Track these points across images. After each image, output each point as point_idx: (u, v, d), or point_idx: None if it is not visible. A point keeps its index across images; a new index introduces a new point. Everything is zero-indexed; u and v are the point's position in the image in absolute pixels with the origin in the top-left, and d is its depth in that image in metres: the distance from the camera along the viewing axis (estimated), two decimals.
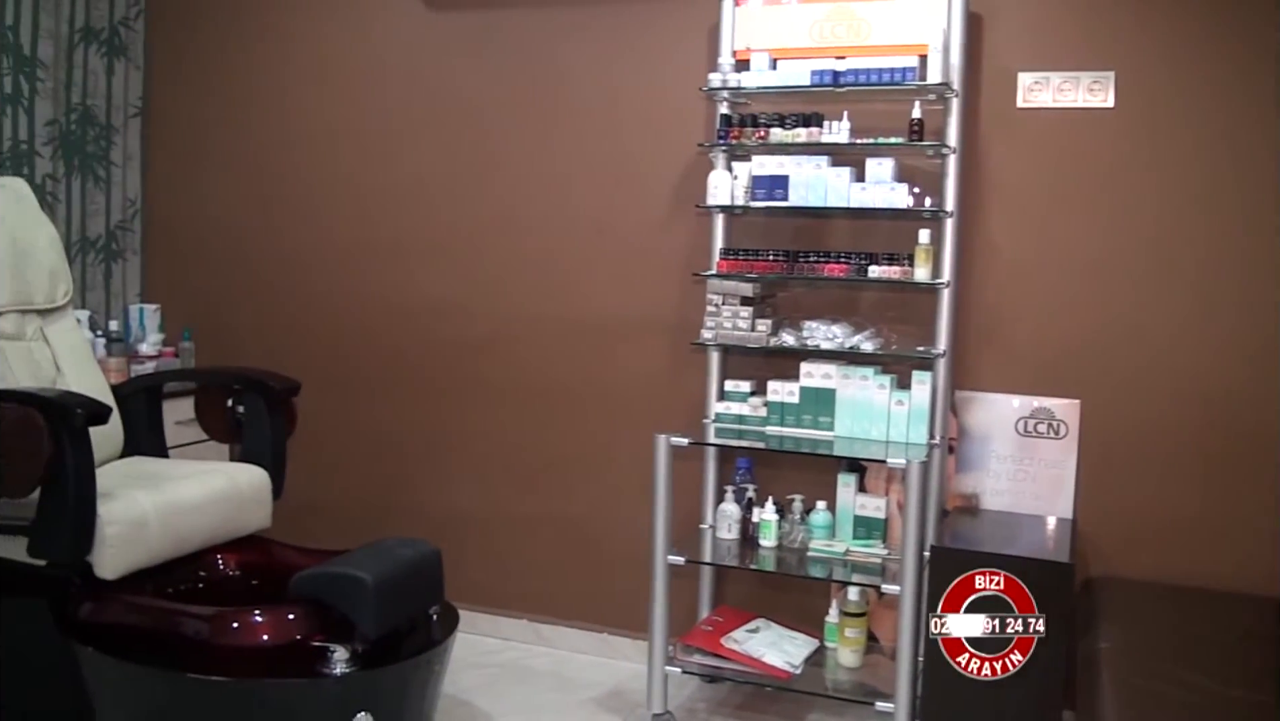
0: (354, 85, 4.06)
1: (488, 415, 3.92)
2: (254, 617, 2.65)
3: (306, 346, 4.12)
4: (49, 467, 2.68)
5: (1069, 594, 2.86)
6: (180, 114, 4.38)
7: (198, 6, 4.31)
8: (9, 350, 3.27)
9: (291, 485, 3.41)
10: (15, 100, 3.89)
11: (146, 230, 4.45)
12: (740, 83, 3.31)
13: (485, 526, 3.94)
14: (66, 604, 2.83)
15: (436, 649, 2.80)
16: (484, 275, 3.89)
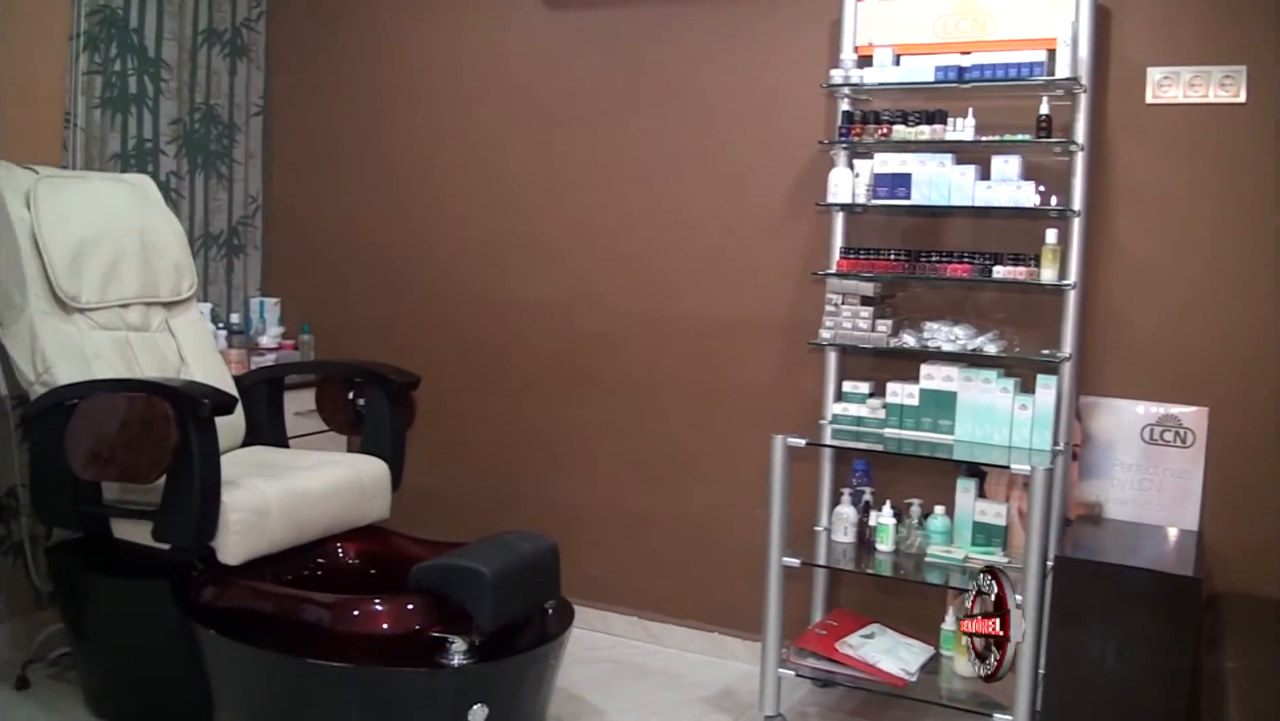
0: (472, 84, 4.09)
1: (604, 411, 3.92)
2: (374, 606, 2.67)
3: (423, 341, 4.17)
4: (175, 455, 2.73)
5: (1195, 609, 2.74)
6: (300, 113, 4.47)
7: (317, 8, 4.40)
8: (135, 341, 3.36)
9: (409, 477, 3.45)
10: (140, 100, 4.00)
11: (267, 226, 4.55)
12: (862, 79, 3.26)
13: (598, 522, 3.94)
14: (188, 587, 2.89)
15: (552, 643, 2.80)
16: (602, 272, 3.89)
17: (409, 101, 4.22)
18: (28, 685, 3.34)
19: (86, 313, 3.25)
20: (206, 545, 2.83)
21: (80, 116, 3.76)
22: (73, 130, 3.75)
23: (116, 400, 2.82)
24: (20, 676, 3.35)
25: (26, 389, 3.14)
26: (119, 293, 3.33)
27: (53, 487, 3.03)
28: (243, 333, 4.13)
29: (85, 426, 2.84)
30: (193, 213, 4.23)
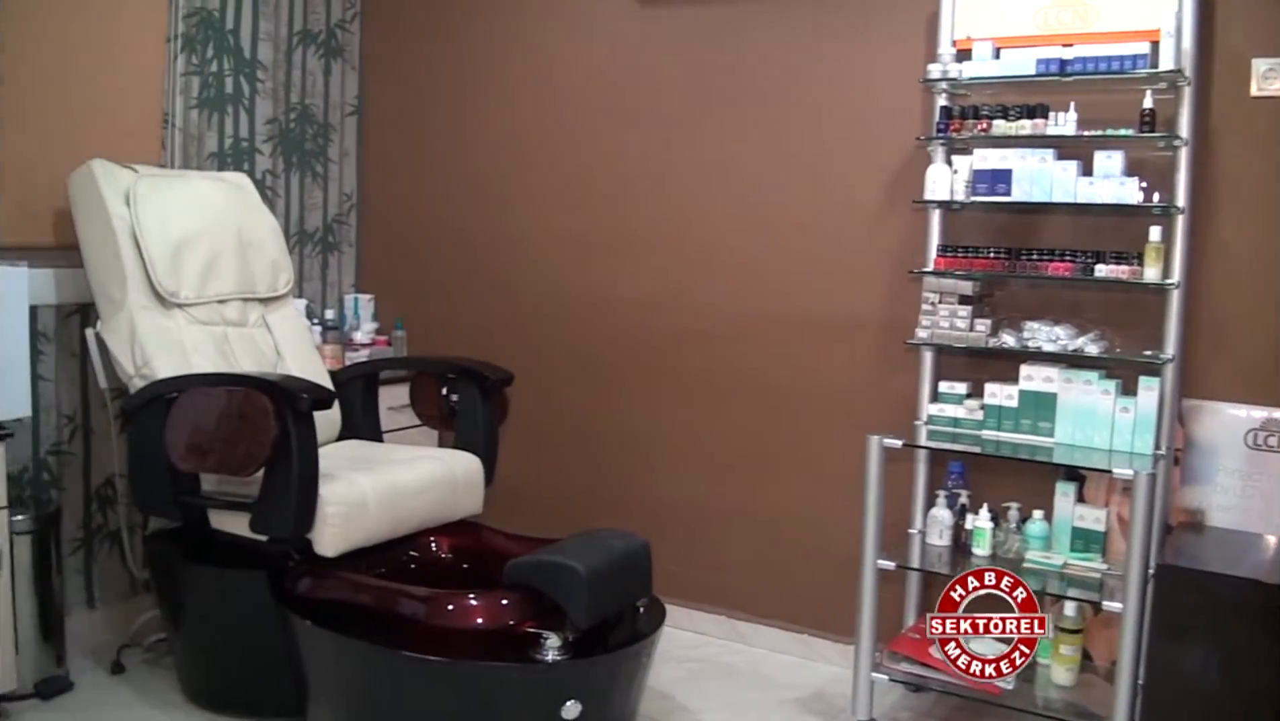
0: (563, 81, 4.10)
1: (695, 409, 3.90)
2: (469, 601, 2.68)
3: (515, 338, 4.18)
4: (274, 449, 2.77)
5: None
6: (394, 112, 4.51)
7: (411, 8, 4.44)
8: (233, 336, 3.42)
9: (500, 472, 3.47)
10: (237, 100, 4.07)
11: (361, 223, 4.62)
12: (961, 73, 3.21)
13: (687, 520, 3.92)
14: (285, 578, 2.94)
15: (645, 641, 2.79)
16: (693, 269, 3.87)
17: (501, 99, 4.24)
18: (123, 669, 3.42)
19: (185, 308, 3.32)
20: (304, 537, 2.87)
21: (178, 116, 3.84)
22: (170, 130, 3.82)
23: (216, 394, 2.87)
24: (115, 661, 3.43)
25: (126, 382, 3.21)
26: (217, 288, 3.40)
27: (152, 478, 3.09)
28: (337, 328, 4.19)
29: (185, 419, 2.89)
30: (288, 210, 4.31)
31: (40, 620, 3.21)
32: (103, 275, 3.25)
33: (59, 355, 3.53)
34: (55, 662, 3.27)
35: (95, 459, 3.65)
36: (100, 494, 3.67)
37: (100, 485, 3.67)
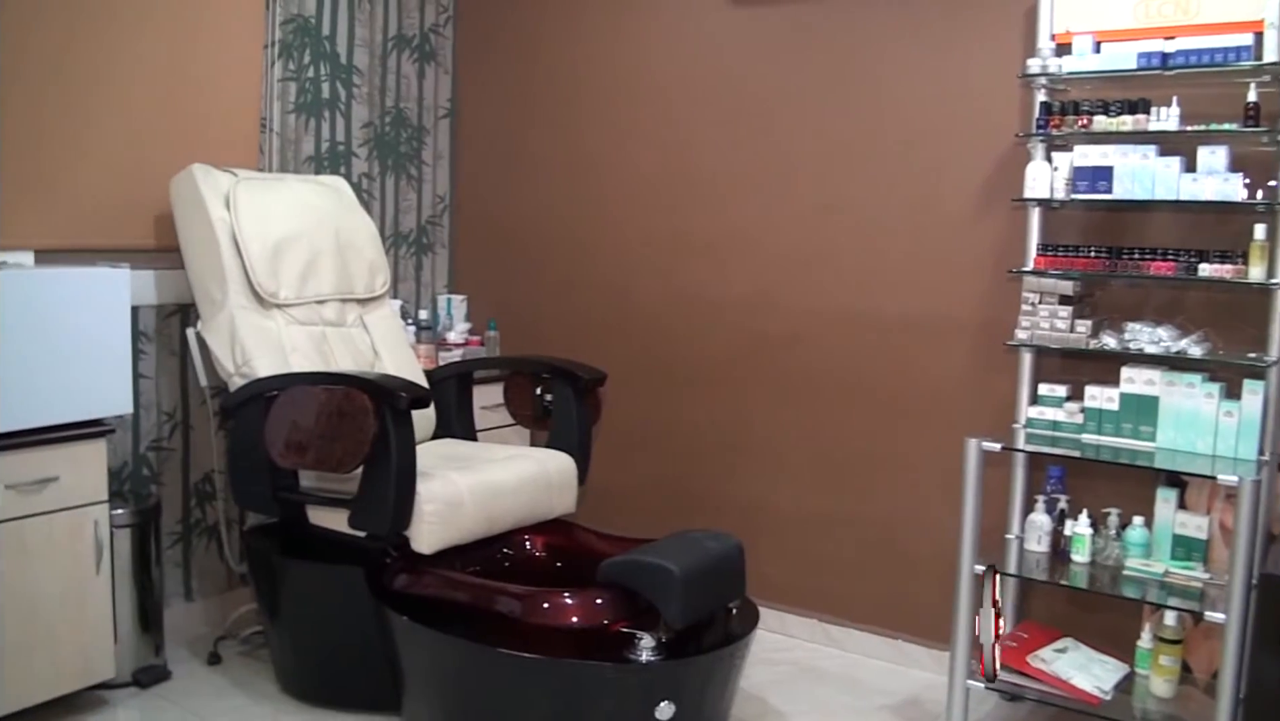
0: (656, 81, 4.11)
1: (787, 409, 3.87)
2: (564, 599, 2.69)
3: (607, 338, 4.20)
4: (373, 446, 2.81)
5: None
6: (486, 114, 4.56)
7: (503, 11, 4.48)
8: (331, 336, 3.47)
9: (592, 472, 3.48)
10: (334, 105, 4.13)
11: (455, 225, 4.67)
12: (1061, 67, 3.14)
13: (779, 522, 3.89)
14: (382, 574, 2.97)
15: (739, 643, 2.78)
16: (787, 268, 3.84)
17: (592, 100, 4.26)
18: (219, 660, 3.50)
19: (284, 308, 3.38)
20: (401, 534, 2.91)
21: (275, 121, 3.91)
22: (268, 135, 3.90)
23: (316, 392, 2.91)
24: (212, 652, 3.51)
25: (226, 380, 3.28)
26: (316, 289, 3.46)
27: (251, 474, 3.16)
28: (431, 328, 4.24)
29: (285, 417, 2.95)
30: (383, 213, 4.37)
31: (139, 611, 3.29)
32: (204, 276, 3.33)
33: (159, 354, 3.62)
34: (153, 652, 3.35)
35: (194, 455, 3.73)
36: (199, 489, 3.75)
37: (199, 480, 3.75)
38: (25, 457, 2.87)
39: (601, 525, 3.38)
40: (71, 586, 2.99)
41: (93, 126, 3.40)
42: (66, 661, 2.99)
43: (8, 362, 2.82)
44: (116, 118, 3.45)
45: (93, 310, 3.04)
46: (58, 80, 3.30)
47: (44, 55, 3.27)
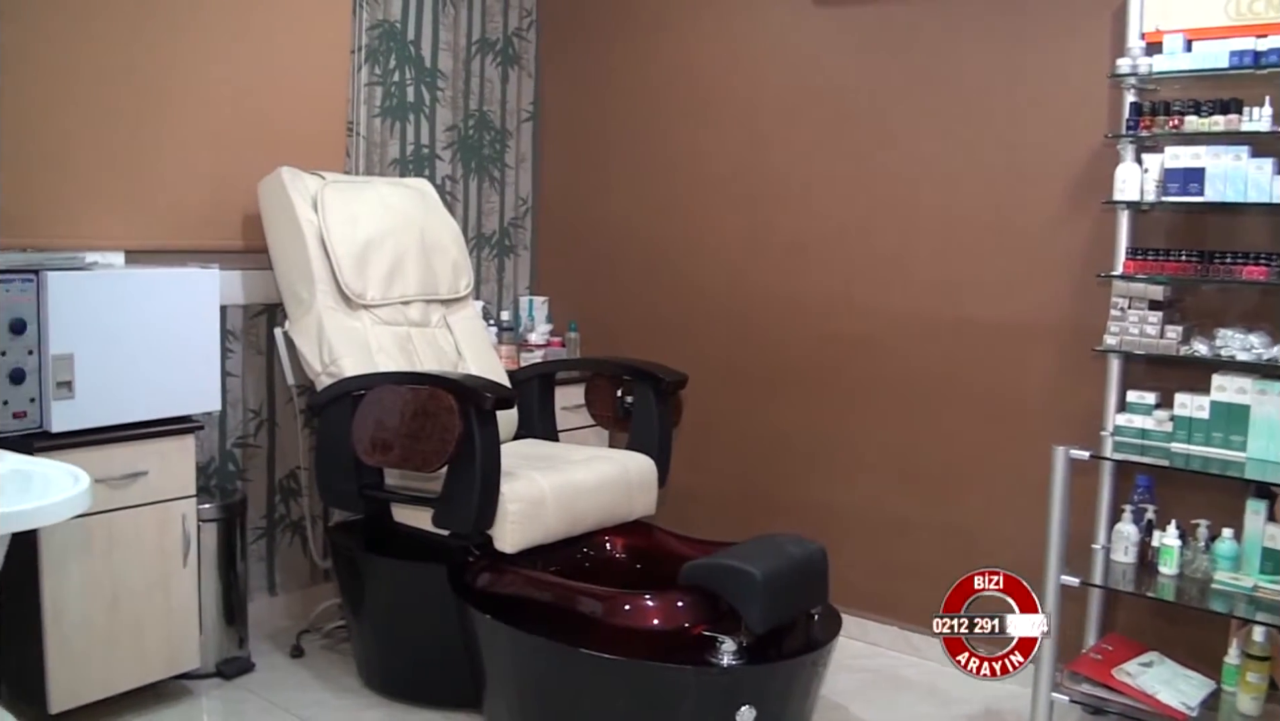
0: (736, 83, 4.10)
1: (868, 413, 3.83)
2: (645, 601, 2.70)
3: (687, 340, 4.19)
4: (458, 446, 2.84)
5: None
6: (568, 116, 4.59)
7: (585, 15, 4.51)
8: (416, 336, 3.51)
9: (672, 474, 3.48)
10: (418, 108, 4.18)
11: (536, 227, 4.71)
12: (1151, 67, 3.07)
13: (859, 527, 3.84)
14: (465, 572, 2.99)
15: (821, 650, 2.75)
16: (869, 271, 3.81)
17: (673, 103, 4.26)
18: (301, 653, 3.55)
19: (370, 309, 3.42)
20: (484, 533, 2.93)
21: (361, 125, 3.97)
22: (355, 138, 3.95)
23: (403, 392, 2.94)
24: (295, 645, 3.57)
25: (313, 379, 3.33)
26: (401, 290, 3.50)
27: (337, 472, 3.20)
28: (512, 329, 4.28)
29: (372, 416, 2.98)
30: (466, 215, 4.41)
31: (224, 604, 3.35)
32: (292, 277, 3.38)
33: (246, 353, 3.69)
34: (237, 644, 3.41)
35: (279, 452, 3.79)
36: (283, 485, 3.82)
37: (284, 477, 3.81)
38: (116, 452, 2.94)
39: (680, 527, 3.37)
40: (159, 578, 3.05)
41: (183, 131, 3.47)
42: (153, 650, 3.06)
43: (100, 360, 2.90)
44: (206, 122, 3.53)
45: (183, 310, 3.11)
46: (150, 85, 3.38)
47: (136, 62, 3.34)
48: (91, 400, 2.88)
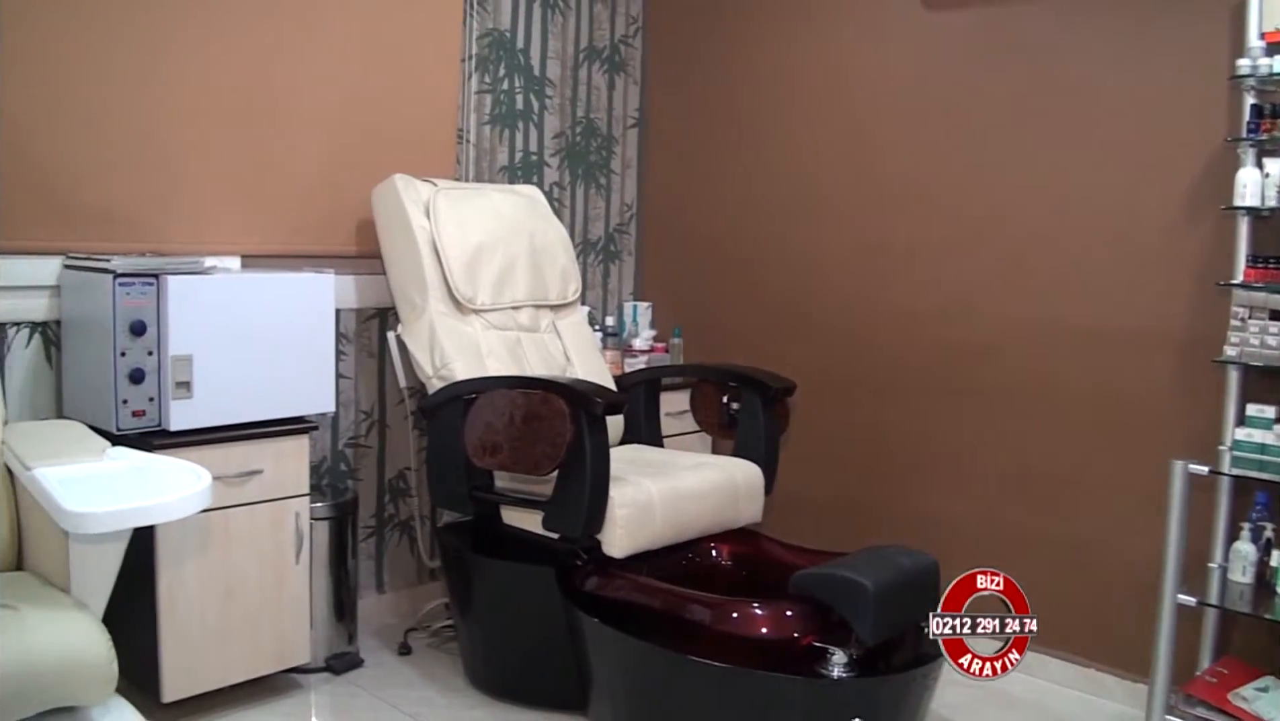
0: (845, 88, 4.07)
1: (979, 424, 3.76)
2: (754, 610, 2.69)
3: (793, 346, 4.17)
4: (569, 450, 2.86)
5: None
6: (674, 123, 4.61)
7: (692, 20, 4.52)
8: (525, 341, 3.55)
9: (777, 481, 3.46)
10: (527, 116, 4.24)
11: (641, 233, 4.74)
12: (1272, 67, 2.97)
13: (967, 539, 3.76)
14: (573, 575, 3.01)
15: (932, 664, 2.72)
16: (979, 278, 3.75)
17: (780, 109, 4.25)
18: (409, 651, 3.60)
19: (481, 313, 3.47)
20: (593, 537, 2.96)
21: (471, 132, 4.03)
22: (465, 146, 4.02)
23: (515, 396, 2.98)
24: (402, 643, 3.62)
25: (424, 382, 3.39)
26: (511, 295, 3.55)
27: (448, 473, 3.25)
28: (617, 335, 4.31)
29: (484, 419, 3.02)
30: (573, 221, 4.46)
31: (334, 600, 3.41)
32: (405, 282, 3.45)
33: (358, 355, 3.77)
34: (347, 640, 3.48)
35: (389, 452, 3.86)
36: (393, 485, 3.89)
37: (393, 477, 3.88)
38: (232, 451, 3.01)
39: (785, 535, 3.35)
40: (271, 574, 3.13)
41: (300, 139, 3.56)
42: (264, 644, 3.13)
43: (218, 361, 2.98)
44: (322, 130, 3.61)
45: (299, 313, 3.18)
46: (268, 96, 3.47)
47: (256, 73, 3.44)
48: (209, 400, 2.96)
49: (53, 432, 2.70)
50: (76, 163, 3.10)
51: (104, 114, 3.13)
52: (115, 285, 2.82)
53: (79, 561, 2.30)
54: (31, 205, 3.03)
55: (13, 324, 3.03)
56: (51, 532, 2.32)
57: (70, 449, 2.51)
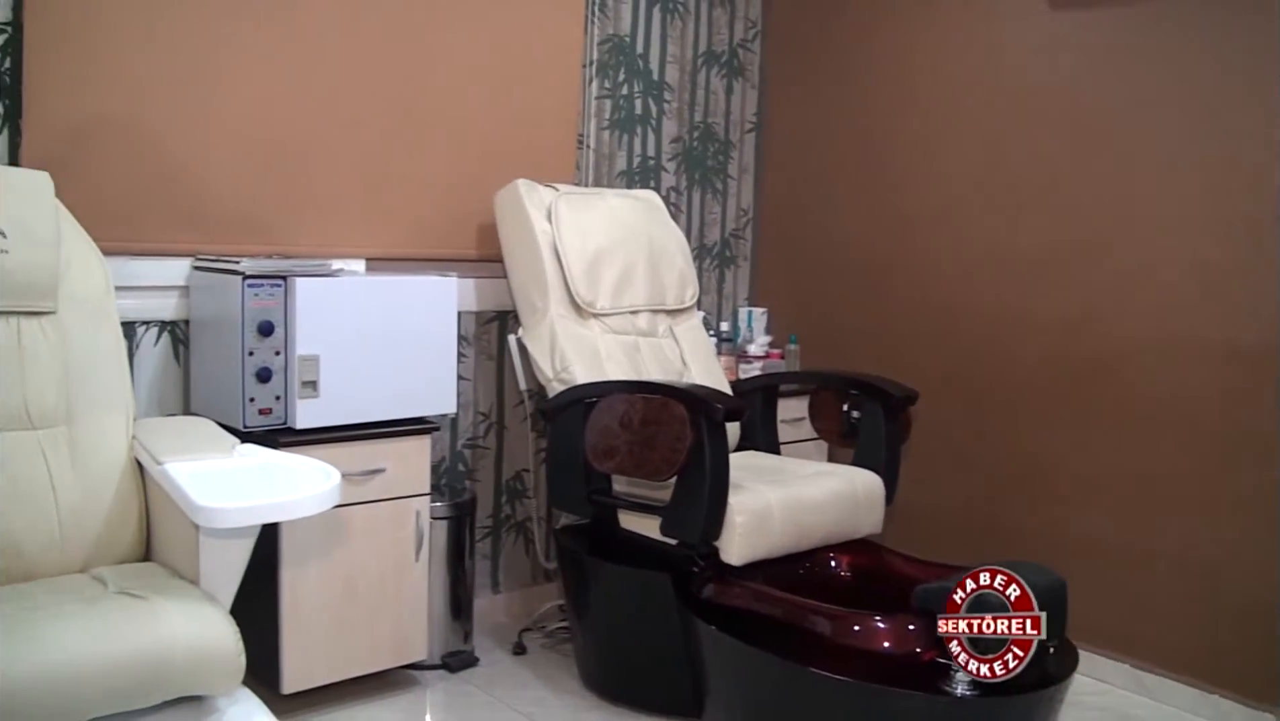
0: (968, 92, 3.99)
1: (1106, 437, 3.63)
2: (876, 623, 2.65)
3: (912, 355, 4.10)
4: (689, 456, 2.86)
5: None
6: (792, 127, 4.57)
7: (810, 24, 4.48)
8: (643, 345, 3.56)
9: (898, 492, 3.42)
10: (645, 121, 4.25)
11: (757, 238, 4.71)
12: None
13: (1090, 557, 3.64)
14: (690, 582, 3.00)
15: (1058, 686, 2.64)
16: (1110, 287, 3.61)
17: (902, 111, 4.19)
18: (523, 651, 3.63)
19: (600, 317, 3.49)
20: (711, 544, 2.94)
21: (591, 137, 4.06)
22: (584, 150, 4.04)
23: (635, 400, 2.99)
24: (517, 643, 3.66)
25: (544, 385, 3.41)
26: (630, 300, 3.56)
27: (566, 476, 3.27)
28: (731, 340, 4.29)
29: (604, 423, 3.03)
30: (689, 225, 4.46)
31: (451, 599, 3.45)
32: (526, 286, 3.48)
33: (478, 358, 3.81)
34: (462, 639, 3.51)
35: (507, 454, 3.90)
36: (509, 486, 3.92)
37: (510, 478, 3.92)
38: (356, 450, 3.06)
39: (903, 547, 3.29)
40: (391, 571, 3.17)
41: (423, 144, 3.62)
42: (383, 640, 3.18)
43: (343, 362, 3.03)
44: (444, 136, 3.66)
45: (423, 315, 3.22)
46: (392, 102, 3.54)
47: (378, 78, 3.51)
48: (334, 399, 3.02)
49: (183, 428, 2.77)
50: (206, 168, 3.19)
51: (233, 121, 3.22)
52: (244, 286, 2.89)
53: (208, 554, 2.36)
54: (161, 209, 3.13)
55: (142, 322, 3.13)
56: (181, 525, 2.38)
57: (201, 445, 2.57)
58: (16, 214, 2.55)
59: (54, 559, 2.47)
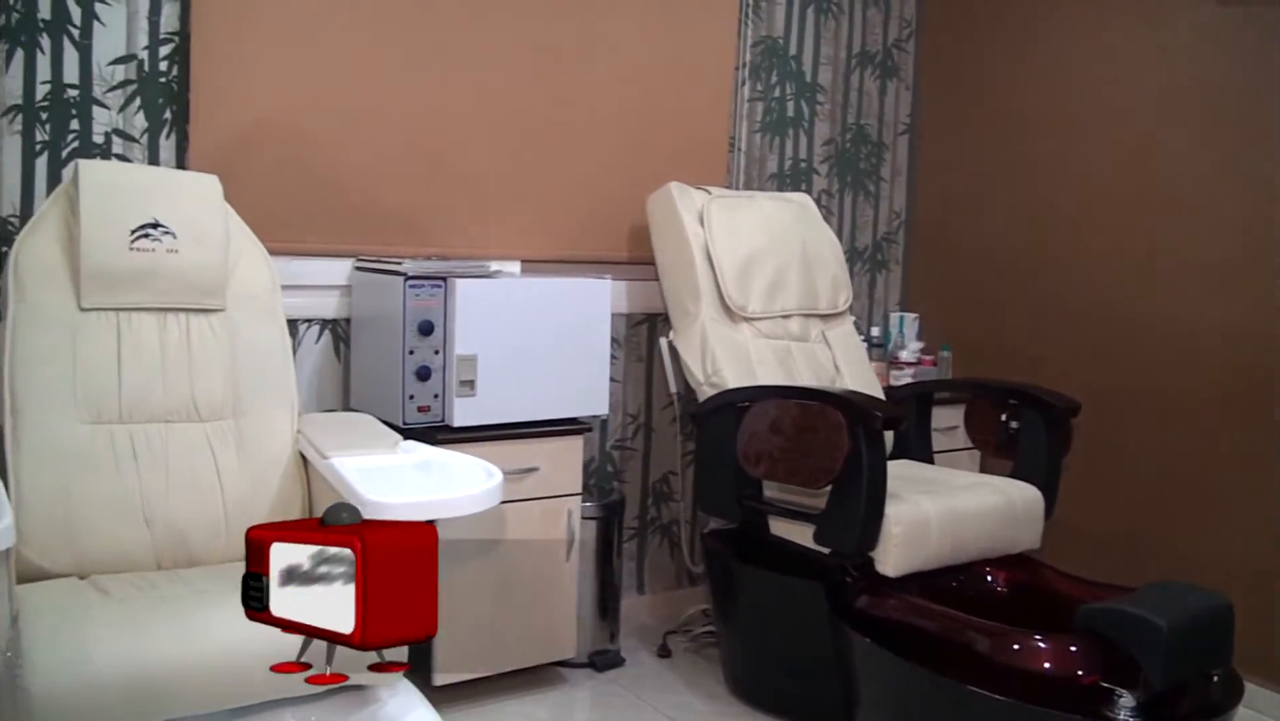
0: (1129, 92, 3.84)
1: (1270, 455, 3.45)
2: (1037, 643, 2.58)
3: (1068, 364, 3.96)
4: (845, 464, 2.83)
5: None
6: (947, 129, 4.49)
7: (965, 24, 4.39)
8: (795, 350, 3.54)
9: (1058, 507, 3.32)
10: (797, 123, 4.22)
11: (909, 242, 4.64)
12: None
13: (1258, 583, 3.43)
14: (843, 592, 2.97)
15: (1223, 717, 2.53)
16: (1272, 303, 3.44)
17: (1060, 112, 4.06)
18: (669, 654, 3.64)
19: (752, 321, 3.48)
20: (865, 554, 2.91)
21: (742, 140, 4.06)
22: (735, 153, 4.04)
23: (790, 406, 2.97)
24: (662, 645, 3.67)
25: (695, 388, 3.41)
26: (782, 304, 3.54)
27: (717, 480, 3.26)
28: (882, 346, 4.23)
29: (758, 428, 3.02)
30: (841, 228, 4.41)
31: (599, 599, 3.48)
32: (678, 289, 3.49)
33: (627, 360, 3.84)
34: (609, 639, 3.54)
35: (654, 456, 3.92)
36: (656, 489, 3.94)
37: (657, 480, 3.94)
38: (511, 448, 3.11)
39: (1060, 563, 3.18)
40: (543, 569, 3.22)
41: (577, 148, 3.66)
42: (533, 636, 3.23)
43: (500, 362, 3.09)
44: (598, 140, 3.70)
45: (577, 317, 3.26)
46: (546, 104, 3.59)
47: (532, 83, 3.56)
48: (490, 398, 3.08)
49: (348, 424, 2.86)
50: (365, 171, 3.29)
51: (391, 125, 3.31)
52: (406, 286, 2.97)
53: None
54: (323, 211, 3.23)
55: (304, 320, 3.23)
56: None
57: (366, 440, 2.65)
58: (187, 215, 2.66)
59: (219, 547, 2.57)
